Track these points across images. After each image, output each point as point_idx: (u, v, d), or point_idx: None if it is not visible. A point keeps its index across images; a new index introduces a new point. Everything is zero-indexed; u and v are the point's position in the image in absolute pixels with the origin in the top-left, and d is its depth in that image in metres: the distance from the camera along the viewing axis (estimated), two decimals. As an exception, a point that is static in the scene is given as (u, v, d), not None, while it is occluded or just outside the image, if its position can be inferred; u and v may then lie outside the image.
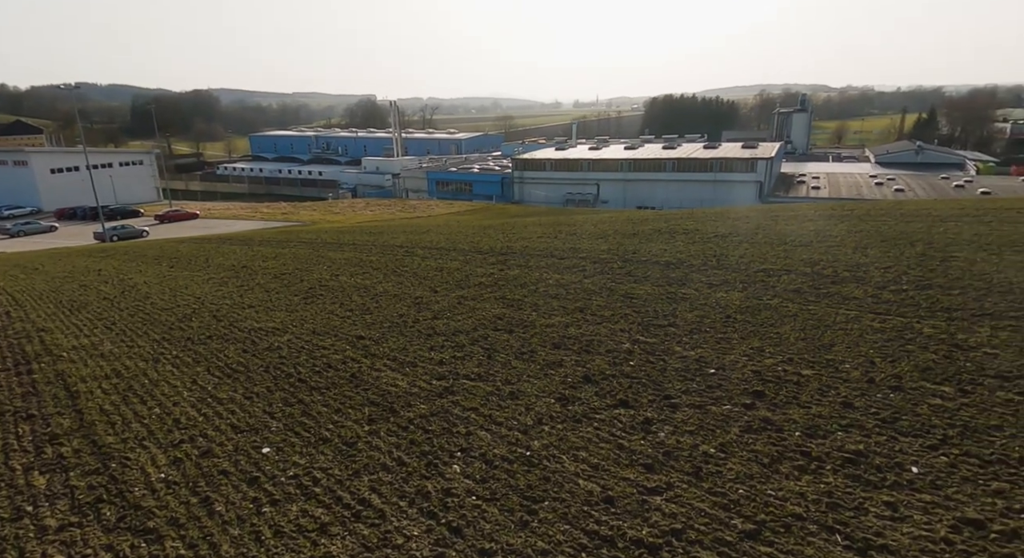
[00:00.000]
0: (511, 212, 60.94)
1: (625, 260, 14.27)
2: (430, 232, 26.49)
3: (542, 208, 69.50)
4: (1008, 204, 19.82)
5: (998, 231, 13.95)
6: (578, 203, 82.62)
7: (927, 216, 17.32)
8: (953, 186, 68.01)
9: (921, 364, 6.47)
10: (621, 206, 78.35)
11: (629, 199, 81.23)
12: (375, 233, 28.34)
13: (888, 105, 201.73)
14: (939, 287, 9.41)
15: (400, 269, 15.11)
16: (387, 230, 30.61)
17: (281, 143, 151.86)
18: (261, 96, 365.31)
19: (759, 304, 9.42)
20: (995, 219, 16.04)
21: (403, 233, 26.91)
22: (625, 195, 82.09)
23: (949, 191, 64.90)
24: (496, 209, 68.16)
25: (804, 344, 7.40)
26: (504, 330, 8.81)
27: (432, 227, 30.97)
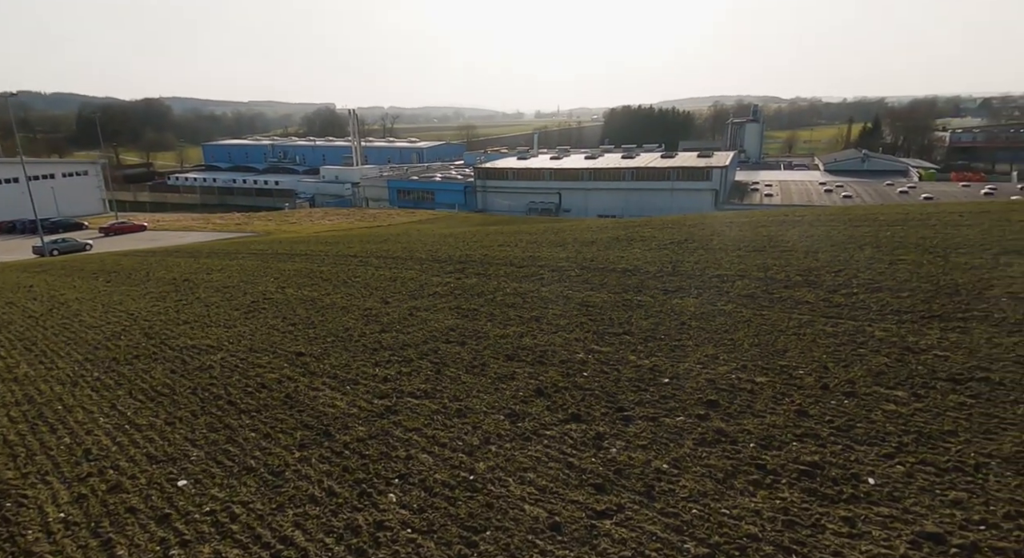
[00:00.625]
0: (474, 221, 60.52)
1: (583, 268, 14.08)
2: (388, 241, 25.90)
3: (505, 217, 69.34)
4: (950, 208, 20.51)
5: (942, 234, 14.30)
6: (541, 212, 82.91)
7: (874, 221, 17.73)
8: (898, 192, 70.91)
9: (874, 368, 6.38)
10: (583, 215, 78.88)
11: (591, 208, 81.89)
12: (330, 243, 27.56)
13: (835, 115, 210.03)
14: (889, 290, 9.47)
15: (352, 280, 14.55)
16: (343, 240, 29.83)
17: (236, 152, 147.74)
18: (216, 105, 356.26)
19: (713, 310, 9.30)
20: (939, 223, 16.50)
21: (359, 242, 26.23)
22: (587, 204, 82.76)
23: (894, 197, 67.61)
24: (459, 218, 67.66)
25: (758, 350, 7.25)
26: (456, 342, 8.42)
27: (391, 236, 30.35)
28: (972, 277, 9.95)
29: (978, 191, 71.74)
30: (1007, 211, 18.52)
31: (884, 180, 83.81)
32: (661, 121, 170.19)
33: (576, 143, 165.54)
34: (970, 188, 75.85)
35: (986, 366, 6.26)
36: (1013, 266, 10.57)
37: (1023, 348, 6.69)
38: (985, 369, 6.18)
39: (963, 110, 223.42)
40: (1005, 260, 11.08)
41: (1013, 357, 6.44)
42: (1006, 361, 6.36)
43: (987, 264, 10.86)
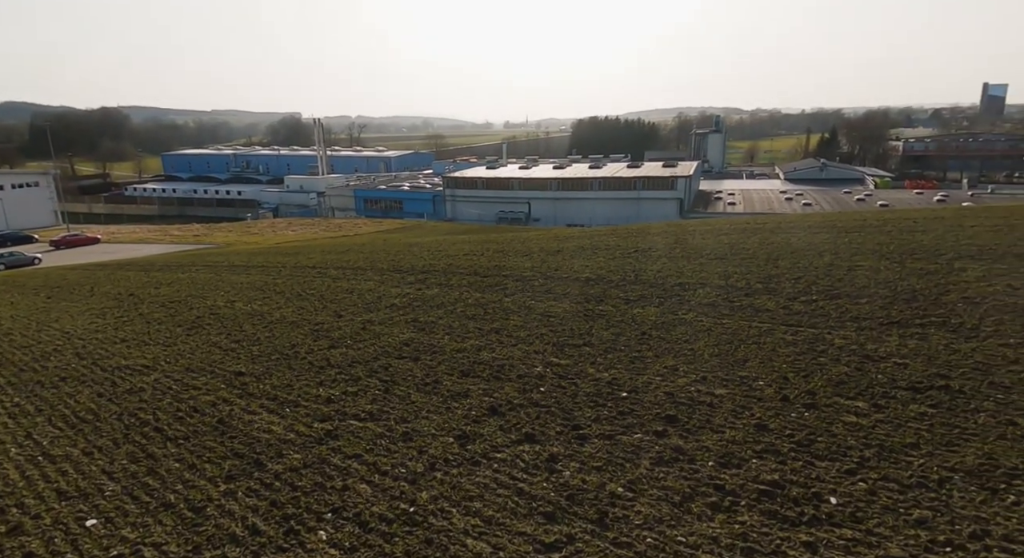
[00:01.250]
0: (442, 230, 60.05)
1: (547, 277, 13.82)
2: (350, 251, 25.27)
3: (474, 226, 68.99)
4: (905, 215, 20.96)
5: (898, 240, 14.50)
6: (511, 221, 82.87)
7: (832, 228, 17.95)
8: (855, 200, 73.08)
9: (834, 378, 6.22)
10: (552, 224, 79.14)
11: (559, 217, 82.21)
12: (290, 254, 26.77)
13: (794, 126, 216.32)
14: (847, 296, 9.43)
15: (306, 292, 13.99)
16: (304, 250, 29.05)
17: (196, 162, 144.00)
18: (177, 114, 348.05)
19: (674, 319, 9.11)
20: (894, 229, 16.76)
21: (320, 253, 25.52)
22: (555, 213, 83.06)
23: (852, 204, 69.63)
24: (428, 227, 67.07)
25: (718, 360, 7.05)
26: (409, 358, 8.01)
27: (354, 246, 29.67)
28: (928, 283, 10.00)
29: (931, 198, 74.47)
30: (959, 217, 18.98)
31: (842, 188, 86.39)
32: (627, 132, 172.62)
33: (544, 153, 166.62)
34: (923, 195, 78.71)
35: (945, 373, 6.17)
36: (967, 271, 10.69)
37: (981, 354, 6.64)
38: (944, 377, 6.08)
39: (915, 120, 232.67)
40: (959, 265, 11.20)
41: (971, 364, 6.37)
42: (965, 368, 6.28)
43: (942, 269, 10.96)
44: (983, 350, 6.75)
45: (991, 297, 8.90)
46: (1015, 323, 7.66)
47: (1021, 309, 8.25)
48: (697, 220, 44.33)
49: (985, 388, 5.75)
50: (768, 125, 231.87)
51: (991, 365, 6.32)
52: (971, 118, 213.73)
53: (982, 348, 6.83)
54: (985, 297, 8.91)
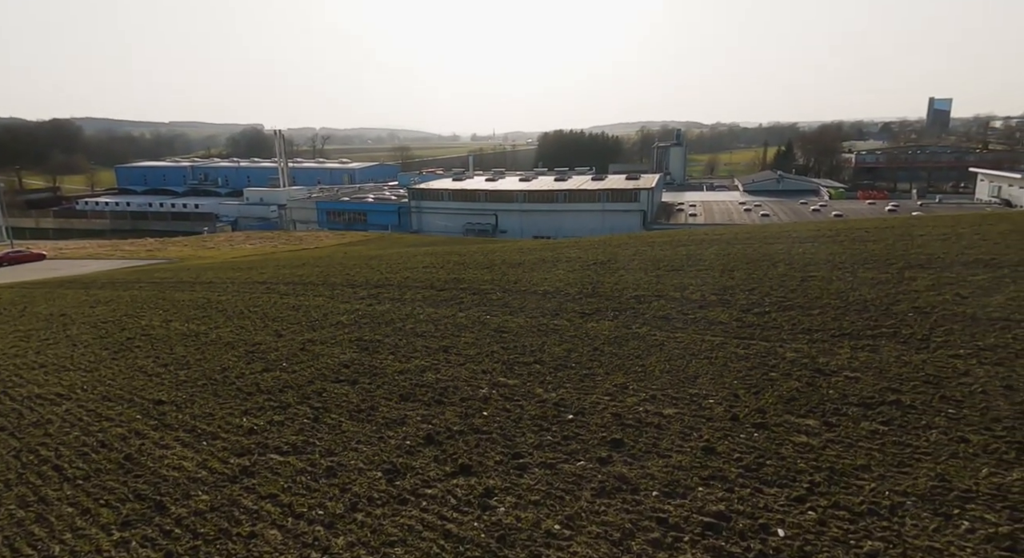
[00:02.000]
0: (406, 241, 59.32)
1: (505, 290, 13.48)
2: (306, 265, 24.48)
3: (440, 237, 68.41)
4: (857, 225, 21.38)
5: (851, 250, 14.64)
6: (478, 232, 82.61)
7: (787, 238, 18.11)
8: (811, 210, 75.17)
9: (785, 394, 6.01)
10: (519, 235, 79.21)
11: (526, 229, 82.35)
12: (242, 268, 25.81)
13: (752, 139, 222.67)
14: (800, 308, 9.33)
15: (250, 310, 13.31)
16: (257, 265, 28.08)
17: (152, 175, 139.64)
18: (133, 125, 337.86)
19: (628, 333, 8.85)
20: (847, 239, 16.98)
21: (274, 268, 24.66)
22: (522, 225, 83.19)
23: (807, 215, 71.57)
24: (392, 239, 66.20)
25: (669, 377, 6.78)
26: (347, 381, 7.52)
27: (311, 260, 28.83)
28: (879, 292, 10.00)
29: (883, 208, 77.19)
30: (909, 226, 19.42)
31: (798, 199, 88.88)
32: (592, 145, 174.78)
33: (511, 166, 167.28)
34: (875, 205, 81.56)
35: (896, 387, 6.01)
36: (917, 280, 10.76)
37: (932, 366, 6.53)
38: (896, 391, 5.92)
39: (866, 133, 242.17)
40: (910, 275, 11.28)
41: (922, 376, 6.24)
42: (916, 381, 6.14)
43: (893, 279, 11.02)
44: (934, 362, 6.65)
45: (940, 306, 8.91)
46: (964, 333, 7.62)
47: (969, 318, 8.26)
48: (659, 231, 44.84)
49: (936, 402, 5.60)
50: (728, 138, 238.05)
51: (942, 377, 6.20)
52: (918, 131, 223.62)
53: (933, 359, 6.73)
54: (935, 306, 8.91)
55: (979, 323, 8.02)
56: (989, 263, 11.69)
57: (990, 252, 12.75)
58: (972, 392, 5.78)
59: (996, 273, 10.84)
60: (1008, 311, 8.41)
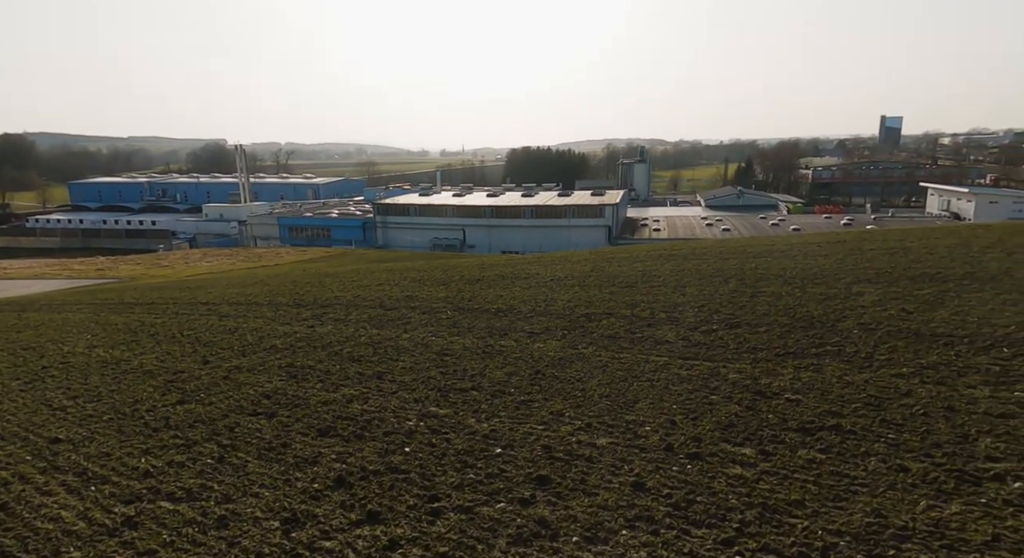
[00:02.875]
0: (369, 257, 58.33)
1: (457, 309, 13.04)
2: (257, 284, 23.62)
3: (405, 253, 67.51)
4: (810, 239, 21.64)
5: (802, 265, 14.67)
6: (446, 247, 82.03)
7: (742, 253, 18.16)
8: (770, 224, 76.92)
9: (723, 420, 5.71)
10: (487, 250, 78.95)
11: (494, 244, 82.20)
12: (190, 288, 24.78)
13: (714, 156, 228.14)
14: (747, 325, 9.14)
15: (183, 334, 12.55)
16: (208, 284, 27.02)
17: (107, 191, 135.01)
18: (90, 140, 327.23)
19: (573, 354, 8.51)
20: (799, 253, 17.08)
21: (223, 287, 23.73)
22: (490, 240, 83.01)
23: (767, 229, 73.19)
24: (355, 254, 65.04)
25: (607, 403, 6.43)
26: (265, 414, 6.95)
27: (265, 278, 27.89)
28: (826, 308, 9.91)
29: (839, 222, 79.48)
30: (860, 240, 19.72)
31: (758, 214, 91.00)
32: (559, 161, 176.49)
33: (479, 181, 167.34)
34: (832, 219, 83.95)
35: (837, 410, 5.78)
36: (864, 295, 10.72)
37: (874, 386, 6.34)
38: (836, 414, 5.68)
39: (822, 150, 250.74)
40: (857, 289, 11.27)
41: (864, 398, 6.03)
42: (857, 403, 5.92)
43: (841, 294, 10.97)
44: (876, 382, 6.46)
45: (886, 322, 8.82)
46: (908, 350, 7.50)
47: (914, 334, 8.17)
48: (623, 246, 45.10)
49: (877, 426, 5.37)
50: (690, 155, 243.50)
51: (883, 399, 6.00)
52: (871, 148, 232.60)
53: (875, 379, 6.55)
54: (880, 322, 8.83)
55: (923, 339, 7.92)
56: (935, 277, 11.78)
57: (936, 266, 12.88)
58: (913, 414, 5.58)
59: (942, 287, 10.89)
60: (951, 326, 8.36)
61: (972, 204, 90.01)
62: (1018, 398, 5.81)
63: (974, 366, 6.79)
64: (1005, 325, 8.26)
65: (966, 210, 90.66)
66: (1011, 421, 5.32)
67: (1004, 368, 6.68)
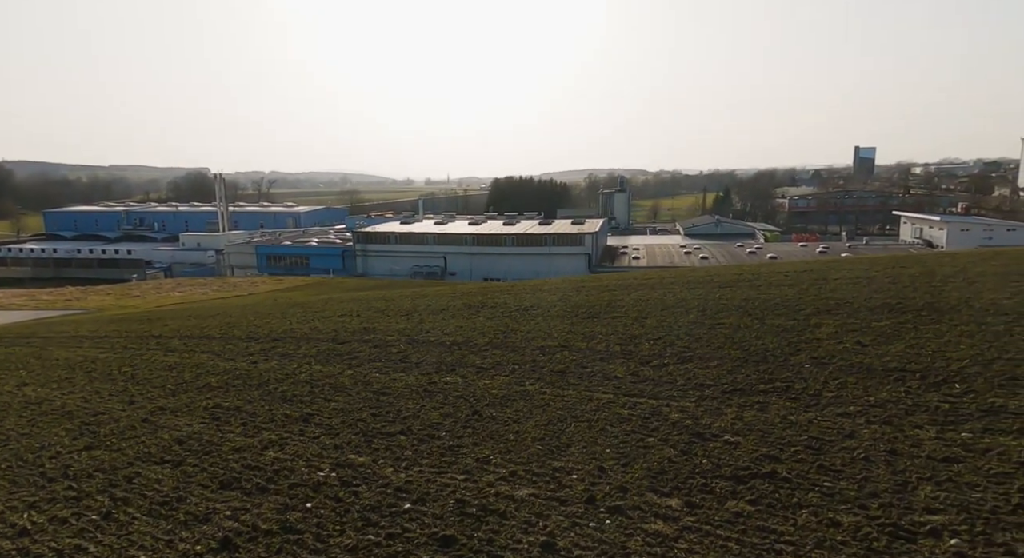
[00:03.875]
0: (345, 286, 57.63)
1: (411, 341, 12.62)
2: (218, 315, 22.97)
3: (384, 281, 66.81)
4: (778, 268, 21.62)
5: (765, 295, 14.52)
6: (427, 275, 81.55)
7: (708, 283, 18.00)
8: (747, 252, 77.67)
9: (655, 466, 5.33)
10: (468, 278, 78.65)
11: (476, 271, 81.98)
12: (151, 320, 24.00)
13: (694, 186, 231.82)
14: (699, 359, 8.84)
15: (120, 371, 11.94)
16: (171, 316, 26.25)
17: (83, 220, 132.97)
18: (69, 169, 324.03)
19: (518, 391, 8.11)
20: (764, 283, 16.96)
21: (184, 318, 23.02)
22: (471, 267, 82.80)
23: (744, 257, 73.86)
24: (332, 283, 64.26)
25: (540, 447, 6.03)
26: (172, 462, 6.42)
27: (229, 309, 27.21)
28: (782, 341, 9.66)
29: (814, 250, 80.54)
30: (827, 270, 19.68)
31: (735, 242, 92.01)
32: (541, 191, 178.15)
33: (463, 210, 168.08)
34: (807, 247, 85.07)
35: (775, 454, 5.43)
36: (822, 327, 10.51)
37: (817, 427, 6.02)
38: (774, 459, 5.34)
39: (799, 180, 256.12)
40: (816, 321, 11.06)
41: (805, 441, 5.70)
42: (798, 446, 5.59)
43: (798, 326, 10.76)
44: (820, 422, 6.15)
45: (839, 356, 8.58)
46: (857, 386, 7.23)
47: (865, 369, 7.91)
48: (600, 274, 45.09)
49: (814, 473, 5.03)
50: (670, 185, 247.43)
51: (825, 441, 5.68)
52: (846, 178, 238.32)
53: (820, 419, 6.24)
54: (833, 356, 8.58)
55: (874, 374, 7.67)
56: (895, 308, 11.63)
57: (897, 296, 12.76)
58: (854, 459, 5.25)
59: (900, 318, 10.73)
60: (905, 360, 8.13)
61: (944, 232, 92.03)
62: (964, 440, 5.53)
63: (923, 404, 6.52)
64: (959, 359, 8.05)
65: (938, 238, 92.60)
66: (954, 466, 5.02)
67: (953, 406, 6.42)
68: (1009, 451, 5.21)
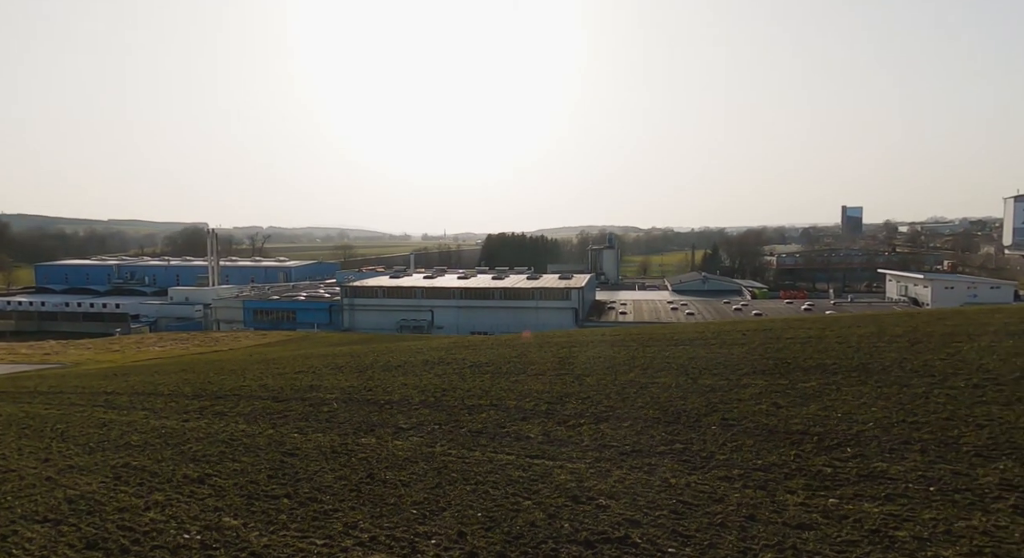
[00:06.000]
0: (329, 340, 57.24)
1: (348, 400, 12.64)
2: (182, 372, 22.83)
3: (369, 335, 66.47)
4: (741, 327, 21.79)
5: (713, 354, 14.69)
6: (413, 329, 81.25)
7: (665, 340, 18.13)
8: (733, 309, 78.07)
9: (516, 531, 5.32)
10: (455, 331, 78.30)
11: (463, 324, 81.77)
12: (116, 376, 23.85)
13: (684, 242, 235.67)
14: (614, 419, 8.89)
15: (52, 428, 11.85)
16: (140, 371, 26.09)
17: (74, 273, 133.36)
18: (67, 223, 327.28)
19: (423, 453, 8.10)
20: (718, 342, 17.09)
21: (146, 375, 22.91)
22: (459, 321, 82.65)
23: (729, 313, 74.20)
24: (316, 338, 63.84)
25: (415, 511, 6.01)
26: (53, 521, 6.36)
27: (195, 365, 27.04)
28: (703, 402, 9.74)
29: (800, 307, 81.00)
30: (785, 329, 19.88)
31: (722, 298, 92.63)
32: (532, 247, 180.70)
33: (455, 265, 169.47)
34: (793, 304, 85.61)
35: (638, 519, 5.45)
36: (749, 387, 10.61)
37: (691, 491, 6.05)
38: (635, 523, 5.36)
39: (788, 237, 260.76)
40: (746, 381, 11.16)
41: (672, 505, 5.73)
42: (663, 511, 5.61)
43: (728, 386, 10.85)
44: (698, 485, 6.18)
45: (750, 417, 8.65)
46: (752, 449, 7.29)
47: (769, 431, 7.99)
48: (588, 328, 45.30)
49: (664, 538, 5.04)
50: (661, 241, 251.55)
51: (692, 506, 5.70)
52: (834, 235, 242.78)
53: (699, 483, 6.27)
54: (744, 418, 8.65)
55: (775, 437, 7.73)
56: (828, 368, 11.76)
57: (836, 357, 12.90)
58: (711, 524, 5.28)
59: (828, 379, 10.84)
60: (810, 423, 8.21)
61: (928, 290, 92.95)
62: (828, 506, 5.57)
63: (807, 468, 6.57)
64: (864, 421, 8.14)
65: (924, 295, 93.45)
66: (805, 533, 5.05)
67: (836, 470, 6.48)
68: (866, 519, 5.25)
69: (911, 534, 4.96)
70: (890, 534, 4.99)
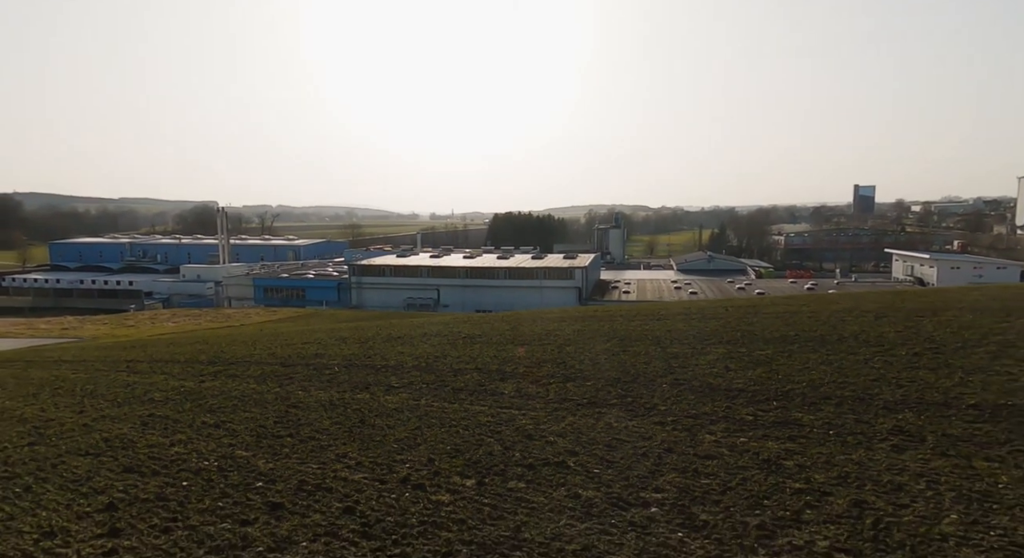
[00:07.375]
0: (337, 317, 58.63)
1: (349, 365, 13.81)
2: (196, 344, 24.15)
3: (376, 312, 68.09)
4: (730, 304, 22.81)
5: (691, 327, 15.73)
6: (419, 307, 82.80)
7: (648, 316, 19.15)
8: (736, 288, 78.86)
9: (475, 458, 6.47)
10: (461, 310, 79.70)
11: (468, 303, 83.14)
12: (134, 347, 25.28)
13: (694, 222, 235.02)
14: (580, 379, 9.99)
15: (82, 388, 13.16)
16: (154, 343, 27.51)
17: (88, 251, 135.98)
18: (80, 201, 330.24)
19: (410, 406, 9.25)
20: (700, 317, 18.08)
21: (164, 346, 24.28)
22: (464, 299, 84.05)
23: (732, 292, 75.01)
24: (324, 314, 65.28)
25: (395, 446, 7.17)
26: (93, 454, 7.60)
27: (209, 338, 28.45)
28: (663, 365, 10.80)
29: (803, 286, 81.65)
30: (767, 305, 20.88)
31: (727, 278, 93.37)
32: (539, 226, 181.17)
33: (462, 244, 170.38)
34: (796, 283, 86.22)
35: (576, 450, 6.57)
36: (707, 355, 11.65)
37: (626, 432, 7.15)
38: (572, 453, 6.47)
39: (798, 217, 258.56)
40: (707, 349, 12.19)
41: (607, 441, 6.83)
42: (599, 445, 6.72)
43: (688, 353, 11.89)
44: (635, 429, 7.29)
45: (699, 379, 9.72)
46: (692, 402, 8.36)
47: (711, 388, 9.05)
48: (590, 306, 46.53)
49: (593, 463, 6.15)
50: (671, 221, 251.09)
51: (624, 441, 6.81)
52: (846, 215, 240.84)
53: (636, 427, 7.37)
54: (693, 379, 9.71)
55: (715, 393, 8.78)
56: (788, 338, 12.75)
57: (800, 329, 13.85)
58: (635, 454, 6.39)
59: (784, 348, 11.84)
60: (751, 383, 9.24)
61: (934, 270, 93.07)
62: (738, 443, 6.65)
63: (732, 416, 7.65)
64: (799, 382, 9.17)
65: (929, 275, 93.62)
66: (708, 461, 6.14)
67: (756, 419, 7.54)
68: (763, 452, 6.34)
69: (796, 463, 6.04)
70: (779, 463, 6.08)
